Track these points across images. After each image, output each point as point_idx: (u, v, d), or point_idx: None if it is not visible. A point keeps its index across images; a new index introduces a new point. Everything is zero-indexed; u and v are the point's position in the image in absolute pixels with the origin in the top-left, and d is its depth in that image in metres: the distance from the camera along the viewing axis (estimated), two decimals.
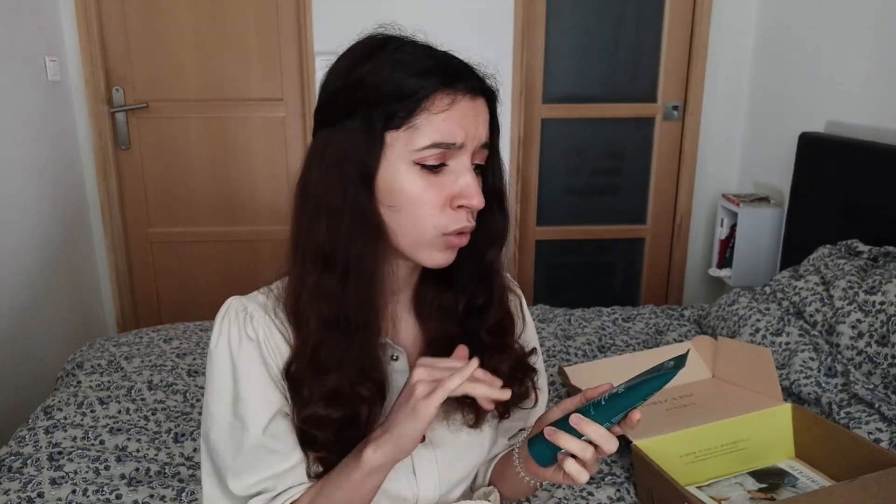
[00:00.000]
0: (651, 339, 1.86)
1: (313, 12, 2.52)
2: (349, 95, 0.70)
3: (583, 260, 3.05)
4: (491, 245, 0.80)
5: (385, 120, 0.69)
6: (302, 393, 0.75)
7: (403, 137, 0.70)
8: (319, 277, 0.73)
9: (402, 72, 0.69)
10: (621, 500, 1.15)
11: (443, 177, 0.72)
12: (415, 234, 0.73)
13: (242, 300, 0.79)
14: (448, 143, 0.70)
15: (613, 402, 0.67)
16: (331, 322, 0.73)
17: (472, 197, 0.71)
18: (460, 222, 0.73)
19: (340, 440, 0.75)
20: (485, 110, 0.73)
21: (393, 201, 0.71)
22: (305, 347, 0.74)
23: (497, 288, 0.83)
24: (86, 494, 1.16)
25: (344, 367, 0.74)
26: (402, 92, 0.69)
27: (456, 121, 0.70)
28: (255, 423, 0.75)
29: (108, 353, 1.71)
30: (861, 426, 1.28)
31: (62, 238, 2.46)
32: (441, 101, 0.69)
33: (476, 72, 0.73)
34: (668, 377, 0.64)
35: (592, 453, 0.68)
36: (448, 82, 0.70)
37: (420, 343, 0.85)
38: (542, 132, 2.82)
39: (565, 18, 2.71)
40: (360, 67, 0.70)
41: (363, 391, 0.75)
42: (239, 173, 2.75)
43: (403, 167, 0.70)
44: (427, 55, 0.71)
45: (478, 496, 0.90)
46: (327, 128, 0.73)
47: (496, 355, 0.82)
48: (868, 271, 1.60)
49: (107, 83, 2.59)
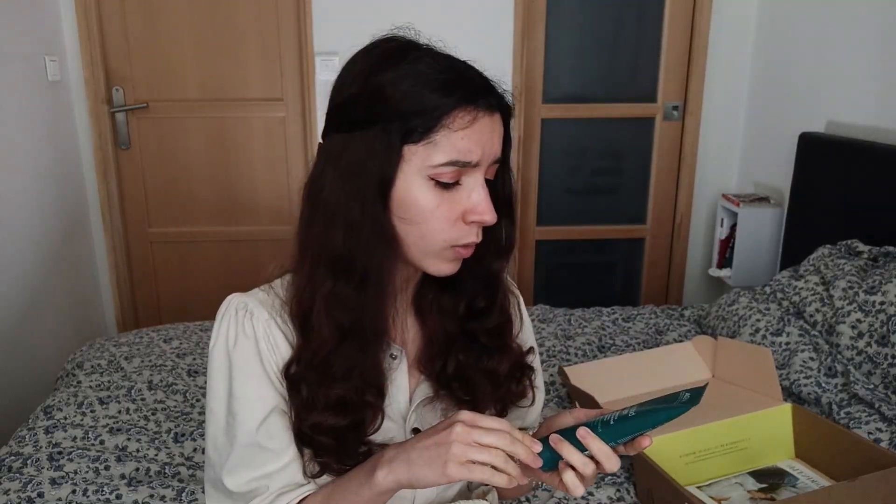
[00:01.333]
0: (651, 339, 1.85)
1: (313, 12, 2.51)
2: (368, 104, 0.70)
3: (583, 260, 3.05)
4: (499, 254, 0.80)
5: (404, 134, 0.69)
6: (301, 394, 0.75)
7: (421, 152, 0.69)
8: (335, 285, 0.72)
9: (423, 86, 0.68)
10: (621, 500, 1.15)
11: (455, 192, 0.72)
12: (423, 245, 0.73)
13: (243, 297, 0.79)
14: (465, 161, 0.69)
15: (622, 423, 0.66)
16: (346, 331, 0.73)
17: (485, 213, 0.72)
18: (470, 237, 0.73)
19: (342, 443, 0.76)
20: (500, 126, 0.73)
21: (405, 213, 0.71)
22: (316, 356, 0.74)
23: (500, 294, 0.84)
24: (86, 494, 1.16)
25: (353, 376, 0.74)
26: (424, 107, 0.68)
27: (474, 139, 0.70)
28: (248, 421, 0.75)
29: (108, 353, 1.71)
30: (861, 426, 1.28)
31: (62, 238, 2.46)
32: (462, 119, 0.69)
33: (496, 88, 0.73)
34: (680, 411, 0.63)
35: (593, 469, 0.67)
36: (469, 99, 0.69)
37: (419, 341, 0.85)
38: (542, 132, 2.82)
39: (565, 18, 2.71)
40: (380, 75, 0.70)
41: (369, 397, 0.75)
42: (239, 173, 2.75)
43: (418, 181, 0.70)
44: (448, 67, 0.71)
45: (475, 496, 0.90)
46: (343, 133, 0.72)
47: (496, 356, 0.82)
48: (868, 271, 1.60)
49: (107, 83, 2.59)
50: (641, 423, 0.65)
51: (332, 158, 0.72)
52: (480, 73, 0.73)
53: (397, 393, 0.82)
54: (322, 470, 0.77)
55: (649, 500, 1.11)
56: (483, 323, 0.82)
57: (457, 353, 0.82)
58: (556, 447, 0.68)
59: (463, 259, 0.76)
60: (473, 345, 0.82)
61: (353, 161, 0.70)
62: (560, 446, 0.68)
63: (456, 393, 0.82)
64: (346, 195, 0.71)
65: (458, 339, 0.82)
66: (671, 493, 1.01)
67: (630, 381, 1.41)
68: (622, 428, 0.66)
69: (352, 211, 0.70)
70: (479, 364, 0.82)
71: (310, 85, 2.58)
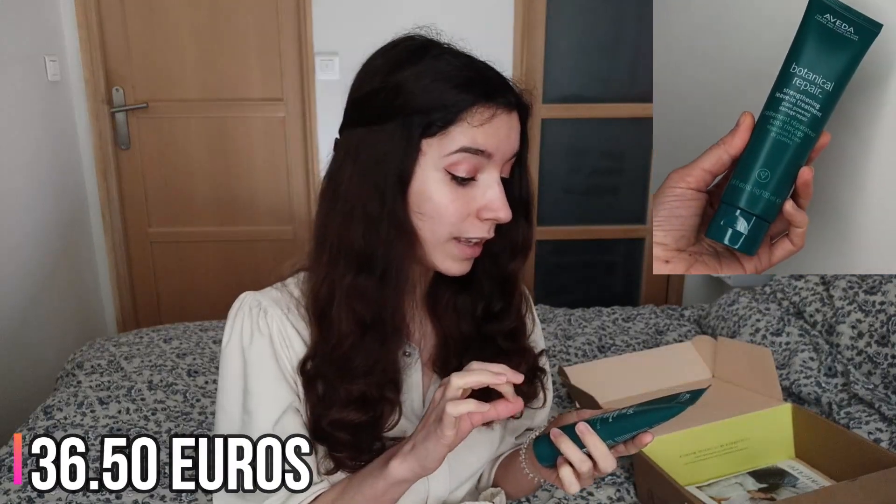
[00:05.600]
0: (651, 339, 1.86)
1: (313, 12, 2.51)
2: (388, 99, 0.70)
3: (583, 260, 3.05)
4: (515, 255, 0.80)
5: (423, 128, 0.69)
6: (317, 390, 0.76)
7: (437, 143, 0.70)
8: (355, 279, 0.73)
9: (443, 82, 0.69)
10: (621, 500, 1.15)
11: (471, 189, 0.72)
12: (433, 240, 0.73)
13: (256, 295, 0.80)
14: (477, 149, 0.70)
15: (621, 421, 0.67)
16: (367, 325, 0.73)
17: (500, 209, 0.72)
18: (480, 232, 0.73)
19: (359, 440, 0.76)
20: (518, 125, 0.74)
21: (421, 208, 0.72)
22: (336, 350, 0.74)
23: (517, 296, 0.84)
24: (85, 494, 1.16)
25: (374, 372, 0.74)
26: (444, 103, 0.69)
27: (491, 133, 0.70)
28: (264, 419, 0.76)
29: (108, 353, 1.71)
30: (861, 426, 1.28)
31: (62, 238, 2.46)
32: (481, 115, 0.69)
33: (514, 87, 0.74)
34: (678, 410, 0.64)
35: (589, 468, 0.67)
36: (489, 96, 0.70)
37: (433, 341, 0.85)
38: (542, 132, 2.82)
39: (565, 18, 2.71)
40: (401, 71, 0.70)
41: (388, 393, 0.76)
42: (239, 173, 2.75)
43: (435, 175, 0.71)
44: (468, 65, 0.72)
45: (483, 497, 0.90)
46: (362, 127, 0.72)
47: (514, 359, 0.82)
48: None
49: (107, 83, 2.59)
50: (640, 421, 0.66)
51: (351, 153, 0.73)
52: (499, 73, 0.74)
53: (411, 390, 0.82)
54: (336, 467, 0.77)
55: (649, 499, 1.11)
56: (501, 325, 0.82)
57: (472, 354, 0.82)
58: (556, 441, 0.69)
59: (476, 259, 0.76)
60: (489, 346, 0.82)
61: (373, 155, 0.71)
62: (559, 441, 0.68)
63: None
64: (365, 189, 0.71)
65: (474, 340, 0.82)
66: (671, 493, 1.01)
67: (630, 381, 1.41)
68: (621, 426, 0.67)
69: (371, 205, 0.71)
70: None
71: (310, 85, 2.58)
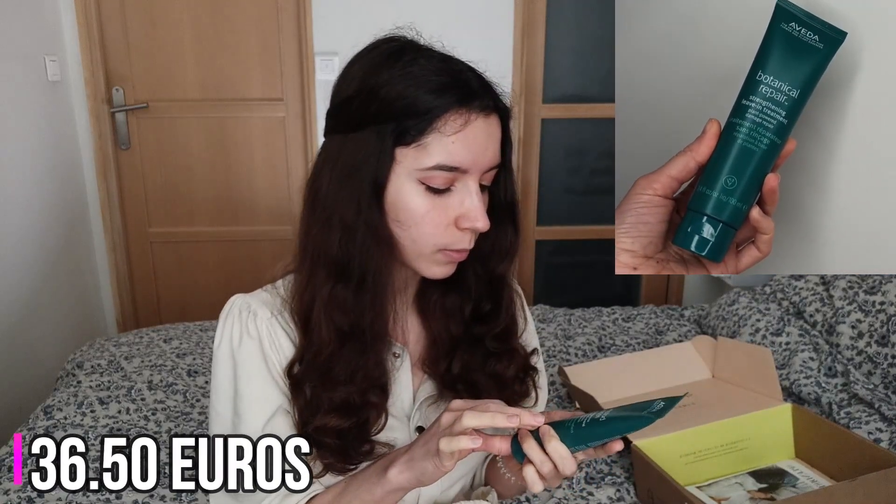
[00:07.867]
0: (651, 339, 1.85)
1: (313, 12, 2.51)
2: (363, 105, 0.69)
3: (583, 260, 3.05)
4: (502, 259, 0.80)
5: (397, 136, 0.68)
6: (304, 394, 0.76)
7: (412, 154, 0.69)
8: (333, 288, 0.73)
9: (416, 87, 0.68)
10: (621, 500, 1.15)
11: (447, 198, 0.71)
12: (415, 249, 0.73)
13: (246, 298, 0.80)
14: (452, 166, 0.69)
15: (594, 427, 0.66)
16: (346, 333, 0.73)
17: (477, 220, 0.71)
18: (462, 243, 0.73)
19: (345, 444, 0.76)
20: (497, 129, 0.72)
21: (398, 216, 0.71)
22: (317, 358, 0.74)
23: (506, 297, 0.83)
24: (85, 494, 1.16)
25: (356, 379, 0.74)
26: (416, 109, 0.68)
27: (466, 144, 0.69)
28: (253, 421, 0.76)
29: (108, 353, 1.71)
30: (861, 426, 1.28)
31: (62, 238, 2.46)
32: (454, 122, 0.68)
33: (492, 89, 0.72)
34: (648, 421, 0.64)
35: (550, 469, 0.66)
36: (463, 101, 0.68)
37: (423, 341, 0.85)
38: (542, 132, 2.82)
39: (565, 18, 2.71)
40: (375, 76, 0.69)
41: (373, 398, 0.76)
42: (239, 173, 2.75)
43: (409, 184, 0.70)
44: (443, 69, 0.70)
45: (476, 496, 0.90)
46: (340, 134, 0.72)
47: (503, 360, 0.82)
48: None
49: (107, 83, 2.59)
50: (613, 428, 0.66)
51: (330, 159, 0.73)
52: (479, 75, 0.72)
53: (401, 391, 0.82)
54: (326, 469, 0.77)
55: (649, 499, 1.11)
56: (490, 327, 0.82)
57: (462, 354, 0.82)
58: (521, 441, 0.68)
59: (461, 262, 0.76)
60: (479, 347, 0.82)
61: (349, 163, 0.70)
62: (523, 440, 0.68)
63: (461, 394, 0.81)
64: (341, 197, 0.71)
65: (462, 340, 0.82)
66: (671, 493, 1.01)
67: (630, 381, 1.41)
68: (593, 432, 0.67)
69: (347, 213, 0.70)
70: (484, 367, 0.82)
71: (310, 85, 2.58)
